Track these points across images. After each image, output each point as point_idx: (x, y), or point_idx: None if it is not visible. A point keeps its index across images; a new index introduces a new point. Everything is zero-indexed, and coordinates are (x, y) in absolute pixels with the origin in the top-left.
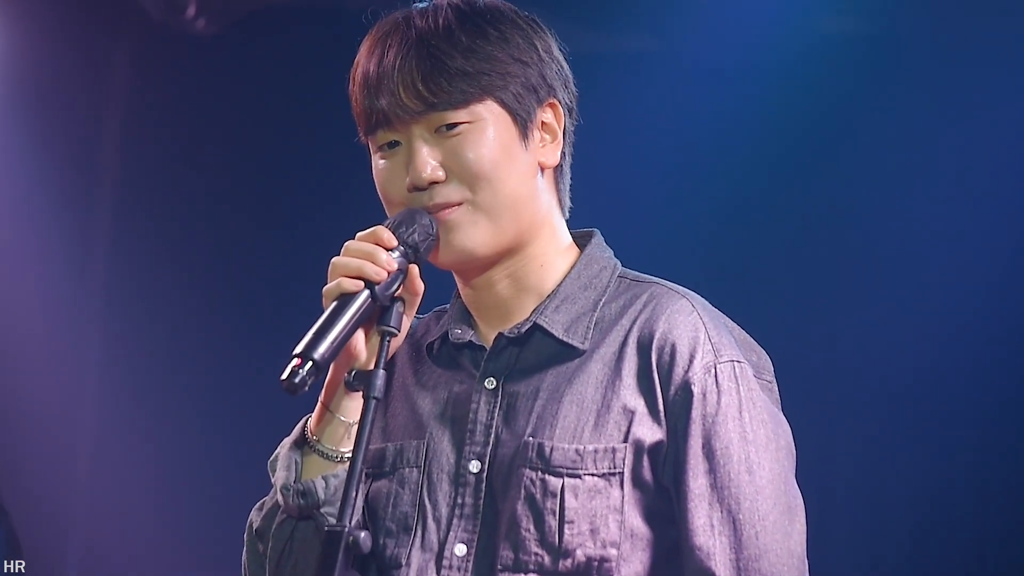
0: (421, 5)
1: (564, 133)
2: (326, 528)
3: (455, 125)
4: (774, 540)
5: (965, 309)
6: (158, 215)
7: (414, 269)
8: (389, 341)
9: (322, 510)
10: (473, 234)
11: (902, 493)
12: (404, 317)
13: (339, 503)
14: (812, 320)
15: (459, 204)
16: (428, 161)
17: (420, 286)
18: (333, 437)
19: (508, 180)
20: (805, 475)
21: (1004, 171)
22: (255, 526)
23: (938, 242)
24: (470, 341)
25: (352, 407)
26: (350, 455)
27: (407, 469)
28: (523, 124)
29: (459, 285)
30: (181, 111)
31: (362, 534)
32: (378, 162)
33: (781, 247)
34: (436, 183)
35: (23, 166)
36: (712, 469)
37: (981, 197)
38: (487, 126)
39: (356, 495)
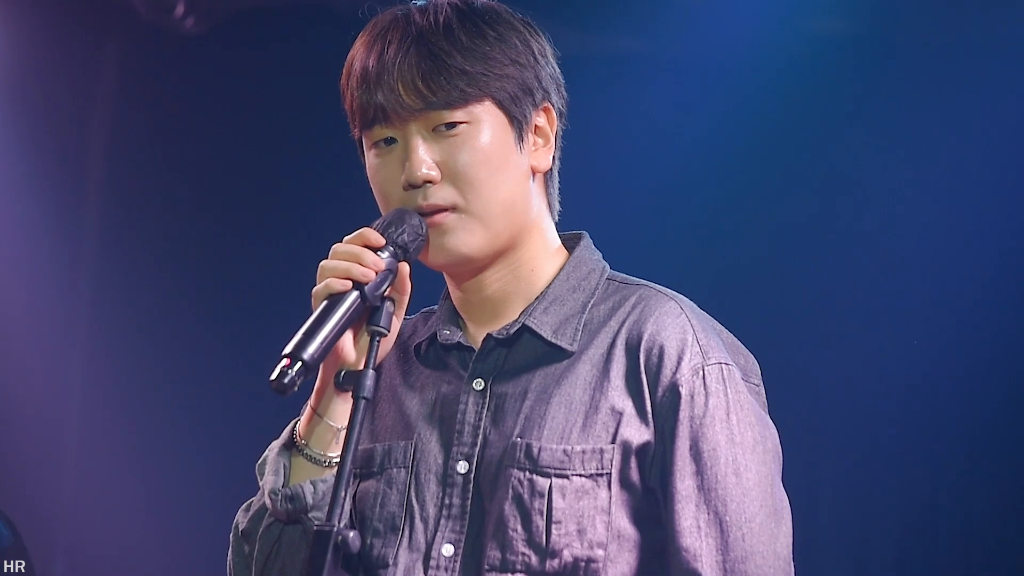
0: (419, 3)
1: (556, 137)
2: (315, 527)
3: (453, 124)
4: (760, 542)
5: (954, 310)
6: (146, 214)
7: (404, 268)
8: (379, 341)
9: (310, 514)
10: (466, 239)
11: (890, 497)
12: (394, 317)
13: (327, 505)
14: (800, 323)
15: (451, 209)
16: (424, 159)
17: (408, 286)
18: (322, 442)
19: (502, 186)
20: (792, 479)
21: (994, 171)
22: (241, 527)
23: (927, 244)
24: (458, 342)
25: (341, 411)
26: (338, 459)
27: (395, 469)
28: (519, 127)
29: (449, 286)
30: (169, 110)
31: (351, 534)
32: (372, 160)
33: (770, 249)
34: (431, 182)
35: (10, 165)
36: (699, 471)
37: (971, 198)
38: (484, 128)
39: (345, 495)
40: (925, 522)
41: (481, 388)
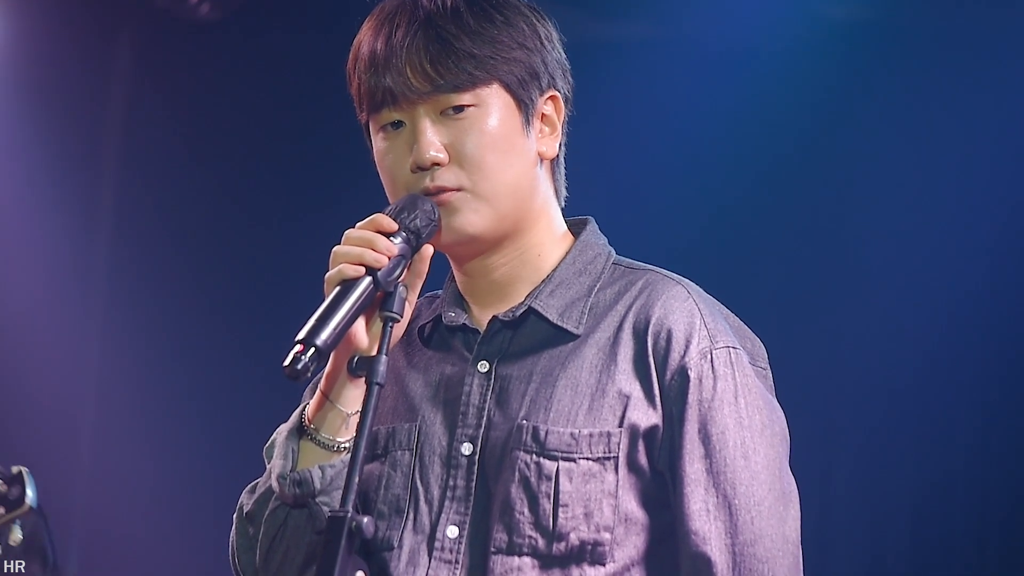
0: None
1: (562, 125)
2: (328, 513)
3: (461, 108)
4: (769, 525)
5: (963, 298)
6: (160, 206)
7: (427, 251)
8: (392, 327)
9: (317, 499)
10: (473, 218)
11: (899, 481)
12: (406, 303)
13: (335, 492)
14: (808, 308)
15: (458, 190)
16: (432, 141)
17: (424, 269)
18: (331, 427)
19: (509, 169)
20: (801, 463)
21: (1004, 162)
22: (246, 509)
23: (938, 234)
24: (464, 324)
25: (351, 397)
26: (347, 445)
27: (399, 451)
28: (526, 110)
29: (454, 270)
30: (184, 98)
31: (364, 519)
32: (380, 143)
33: (780, 236)
34: (438, 165)
35: (25, 156)
36: (708, 454)
37: (981, 189)
38: (492, 111)
39: (357, 481)
40: (937, 509)
41: (486, 370)
